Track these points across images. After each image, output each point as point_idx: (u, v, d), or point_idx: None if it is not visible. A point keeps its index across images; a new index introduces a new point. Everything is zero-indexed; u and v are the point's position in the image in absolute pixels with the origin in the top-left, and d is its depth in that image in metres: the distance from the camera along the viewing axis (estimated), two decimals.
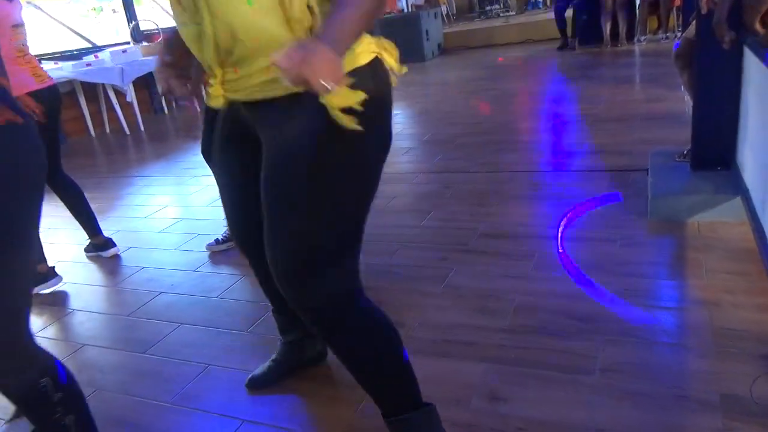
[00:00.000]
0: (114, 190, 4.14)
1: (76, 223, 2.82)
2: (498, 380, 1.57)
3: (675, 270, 2.06)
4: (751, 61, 2.11)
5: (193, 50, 1.11)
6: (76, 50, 6.77)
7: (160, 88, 1.26)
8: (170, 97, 1.26)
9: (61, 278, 2.60)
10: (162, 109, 7.28)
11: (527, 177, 3.13)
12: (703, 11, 1.63)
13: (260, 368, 1.71)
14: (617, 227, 2.38)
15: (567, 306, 1.88)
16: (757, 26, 1.19)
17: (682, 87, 2.78)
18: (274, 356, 1.72)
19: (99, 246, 2.86)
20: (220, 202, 1.47)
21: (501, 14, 10.48)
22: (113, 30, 7.63)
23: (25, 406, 1.21)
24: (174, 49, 1.21)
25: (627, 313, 1.80)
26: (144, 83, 6.87)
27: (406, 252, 2.38)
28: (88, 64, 5.90)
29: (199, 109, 2.26)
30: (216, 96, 1.13)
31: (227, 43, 1.04)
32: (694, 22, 2.44)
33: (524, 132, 4.07)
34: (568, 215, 2.53)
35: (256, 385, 1.68)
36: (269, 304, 1.62)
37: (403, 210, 2.88)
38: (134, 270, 2.66)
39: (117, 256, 2.85)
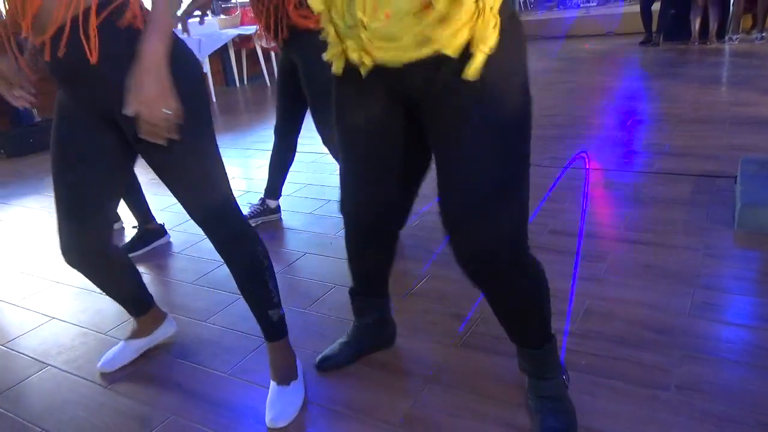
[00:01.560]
0: None
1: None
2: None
3: (762, 286, 1.91)
4: None
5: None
6: None
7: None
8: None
9: (169, 236, 2.75)
10: (234, 81, 7.41)
11: (603, 175, 2.99)
12: None
13: (329, 349, 1.69)
14: (701, 236, 2.23)
15: (642, 315, 1.77)
16: None
17: None
18: (344, 338, 1.70)
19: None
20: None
21: (582, 4, 10.11)
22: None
23: (248, 275, 1.45)
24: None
25: (707, 328, 1.69)
26: (219, 56, 7.00)
27: None
28: None
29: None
30: (362, 60, 1.09)
31: None
32: None
33: (601, 128, 3.89)
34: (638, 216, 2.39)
35: (326, 366, 1.66)
36: (333, 283, 1.61)
37: None
38: (199, 238, 2.71)
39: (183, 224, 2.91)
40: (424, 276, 2.14)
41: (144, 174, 3.13)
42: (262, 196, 2.80)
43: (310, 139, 4.25)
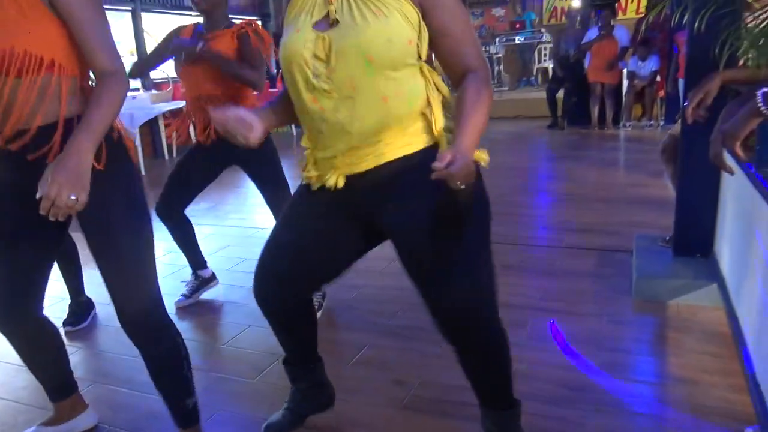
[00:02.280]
0: None
1: None
2: None
3: (657, 348, 2.22)
4: (730, 162, 2.35)
5: (319, 134, 1.32)
6: None
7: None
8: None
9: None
10: (163, 153, 7.46)
11: (520, 250, 3.32)
12: (689, 121, 1.85)
13: (275, 416, 1.81)
14: (604, 304, 2.55)
15: (558, 375, 2.02)
16: (738, 151, 1.39)
17: (668, 178, 3.01)
18: (285, 404, 1.82)
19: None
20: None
21: (494, 89, 10.98)
22: None
23: (167, 366, 1.56)
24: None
25: (612, 385, 1.95)
26: (148, 128, 7.07)
27: (406, 313, 2.52)
28: None
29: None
30: (332, 176, 1.34)
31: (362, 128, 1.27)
32: (679, 120, 2.70)
33: (516, 205, 4.28)
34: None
35: None
36: (279, 353, 1.74)
37: (403, 273, 3.02)
38: None
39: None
40: (364, 345, 2.30)
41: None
42: (192, 272, 2.89)
43: (244, 213, 4.39)
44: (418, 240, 1.35)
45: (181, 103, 6.89)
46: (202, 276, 2.89)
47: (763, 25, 2.08)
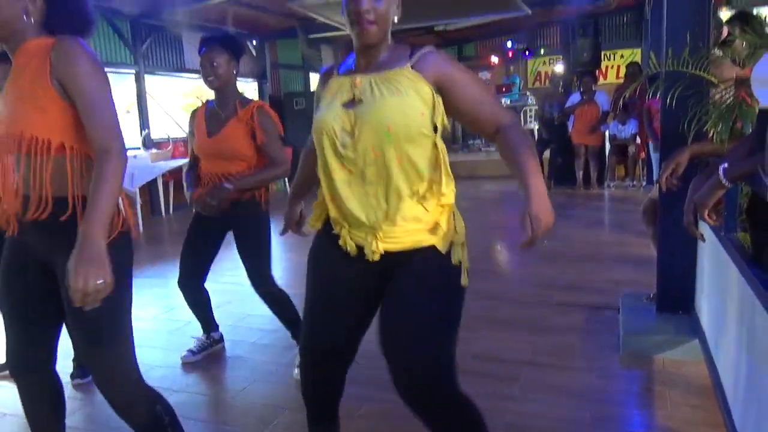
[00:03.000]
0: None
1: None
2: None
3: (645, 400, 2.35)
4: (704, 225, 2.55)
5: (357, 210, 1.50)
6: None
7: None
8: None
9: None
10: (160, 211, 7.60)
11: (509, 306, 3.46)
12: (663, 189, 2.05)
13: None
14: (593, 359, 2.68)
15: (551, 427, 2.13)
16: (707, 219, 1.60)
17: (650, 238, 3.20)
18: None
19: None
20: None
21: (482, 148, 11.34)
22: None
23: None
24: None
25: None
26: (146, 186, 7.23)
27: None
28: None
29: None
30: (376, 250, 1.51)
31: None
32: (657, 185, 2.91)
33: (505, 263, 4.46)
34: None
35: None
36: (285, 407, 1.83)
37: None
38: (146, 368, 2.83)
39: None
40: (367, 399, 2.40)
41: None
42: (204, 332, 2.98)
43: (240, 270, 4.48)
44: (399, 304, 1.52)
45: (181, 161, 7.08)
46: (213, 337, 2.99)
47: (726, 102, 2.33)
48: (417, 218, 1.50)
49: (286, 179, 8.99)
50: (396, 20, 1.51)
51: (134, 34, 7.69)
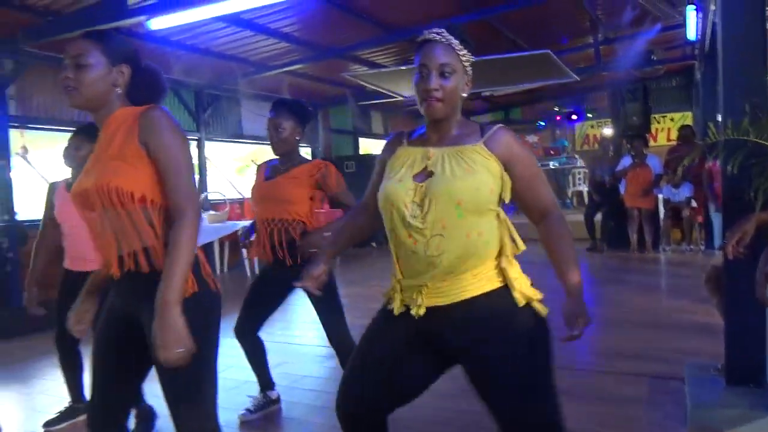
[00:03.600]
0: None
1: None
2: None
3: None
4: None
5: (409, 264, 1.55)
6: None
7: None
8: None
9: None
10: (215, 270, 7.81)
11: (568, 375, 3.37)
12: (729, 257, 2.02)
13: None
14: None
15: None
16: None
17: (715, 306, 3.10)
18: None
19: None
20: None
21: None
22: None
23: None
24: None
25: None
26: (201, 246, 7.46)
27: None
28: None
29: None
30: (418, 305, 1.54)
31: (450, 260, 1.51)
32: (720, 252, 2.85)
33: (560, 329, 4.35)
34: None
35: None
36: None
37: (459, 395, 3.10)
38: None
39: None
40: None
41: None
42: (261, 391, 3.00)
43: (293, 329, 4.53)
44: (495, 369, 1.54)
45: (238, 224, 7.31)
46: (269, 396, 3.01)
47: None
48: (474, 276, 1.54)
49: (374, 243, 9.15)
50: (465, 95, 1.59)
51: (197, 103, 8.14)
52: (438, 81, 1.52)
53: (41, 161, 6.29)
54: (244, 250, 7.26)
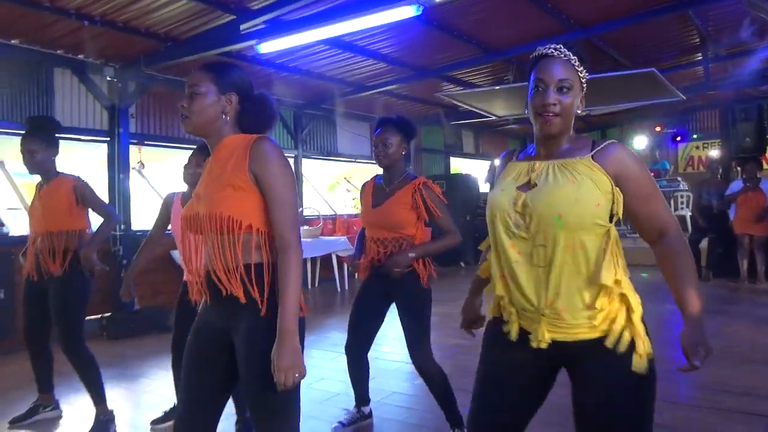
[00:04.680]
0: None
1: None
2: None
3: None
4: None
5: (524, 290, 1.51)
6: None
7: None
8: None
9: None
10: (307, 283, 8.05)
11: (673, 409, 3.18)
12: None
13: None
14: None
15: None
16: None
17: None
18: None
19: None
20: None
21: (628, 234, 10.74)
22: None
23: None
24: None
25: None
26: None
27: None
28: None
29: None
30: (539, 336, 1.50)
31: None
32: None
33: (662, 360, 4.10)
34: None
35: None
36: None
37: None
38: None
39: None
40: None
41: None
42: (356, 405, 3.05)
43: (382, 345, 4.57)
44: (605, 406, 1.49)
45: (330, 240, 7.49)
46: (363, 412, 3.05)
47: None
48: (588, 308, 1.47)
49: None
50: (580, 112, 1.56)
51: (296, 122, 8.49)
52: (556, 96, 1.49)
53: (154, 175, 6.78)
54: (350, 269, 7.43)
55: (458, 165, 11.82)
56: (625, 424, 1.47)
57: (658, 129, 11.74)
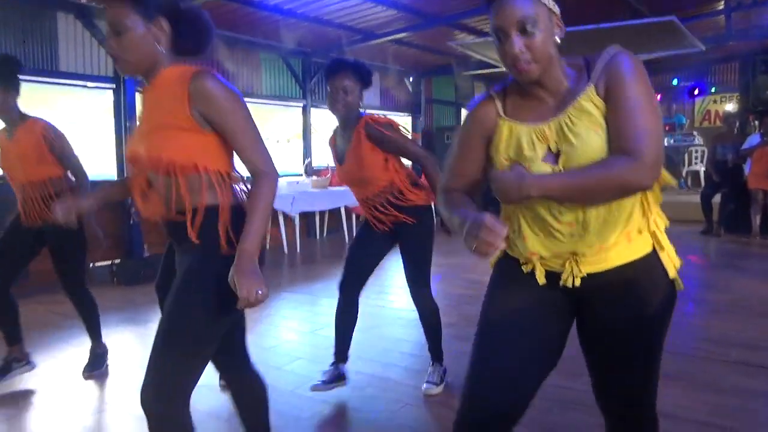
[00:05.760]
0: (268, 301, 4.66)
1: None
2: None
3: None
4: None
5: (563, 237, 1.33)
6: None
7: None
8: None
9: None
10: (315, 234, 8.07)
11: (679, 360, 3.18)
12: None
13: None
14: None
15: None
16: None
17: None
18: None
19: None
20: None
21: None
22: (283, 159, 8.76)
23: None
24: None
25: None
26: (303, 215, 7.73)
27: (560, 411, 2.54)
28: None
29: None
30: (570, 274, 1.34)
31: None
32: None
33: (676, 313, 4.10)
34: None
35: None
36: None
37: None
38: (307, 380, 2.99)
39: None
40: None
41: None
42: (334, 362, 2.84)
43: (386, 293, 4.58)
44: (623, 343, 1.41)
45: (339, 189, 7.46)
46: (340, 371, 2.83)
47: None
48: (627, 238, 1.34)
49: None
50: (559, 40, 1.32)
51: (304, 70, 8.33)
52: (522, 40, 1.25)
53: None
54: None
55: None
56: (649, 348, 1.42)
57: (674, 83, 11.46)
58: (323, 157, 8.54)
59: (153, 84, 1.59)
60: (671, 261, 1.40)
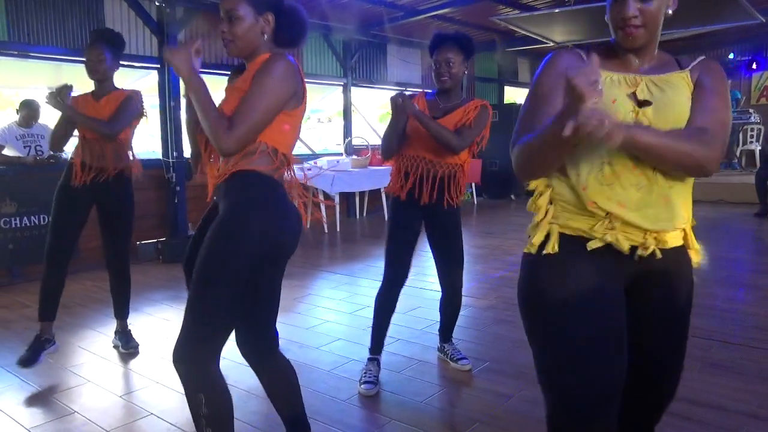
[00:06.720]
0: (308, 281, 4.70)
1: None
2: None
3: None
4: None
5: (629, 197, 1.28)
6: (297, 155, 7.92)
7: None
8: None
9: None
10: (355, 213, 8.10)
11: (727, 348, 3.08)
12: None
13: None
14: None
15: None
16: None
17: None
18: None
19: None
20: None
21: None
22: (319, 139, 8.78)
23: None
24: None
25: None
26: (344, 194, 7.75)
27: None
28: (309, 168, 6.85)
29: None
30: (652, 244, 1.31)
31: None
32: None
33: (716, 298, 3.96)
34: None
35: None
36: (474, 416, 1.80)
37: None
38: (345, 360, 3.02)
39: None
40: None
41: None
42: (370, 357, 2.81)
43: (425, 275, 4.58)
44: (666, 325, 1.43)
45: (379, 169, 7.45)
46: (379, 362, 2.80)
47: None
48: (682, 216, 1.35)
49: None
50: (671, 12, 1.33)
51: (345, 49, 8.28)
52: (637, 5, 1.27)
53: None
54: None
55: (513, 95, 11.40)
56: (686, 333, 1.46)
57: (730, 56, 10.93)
58: (364, 136, 8.52)
59: (249, 67, 1.75)
60: (696, 258, 1.44)
